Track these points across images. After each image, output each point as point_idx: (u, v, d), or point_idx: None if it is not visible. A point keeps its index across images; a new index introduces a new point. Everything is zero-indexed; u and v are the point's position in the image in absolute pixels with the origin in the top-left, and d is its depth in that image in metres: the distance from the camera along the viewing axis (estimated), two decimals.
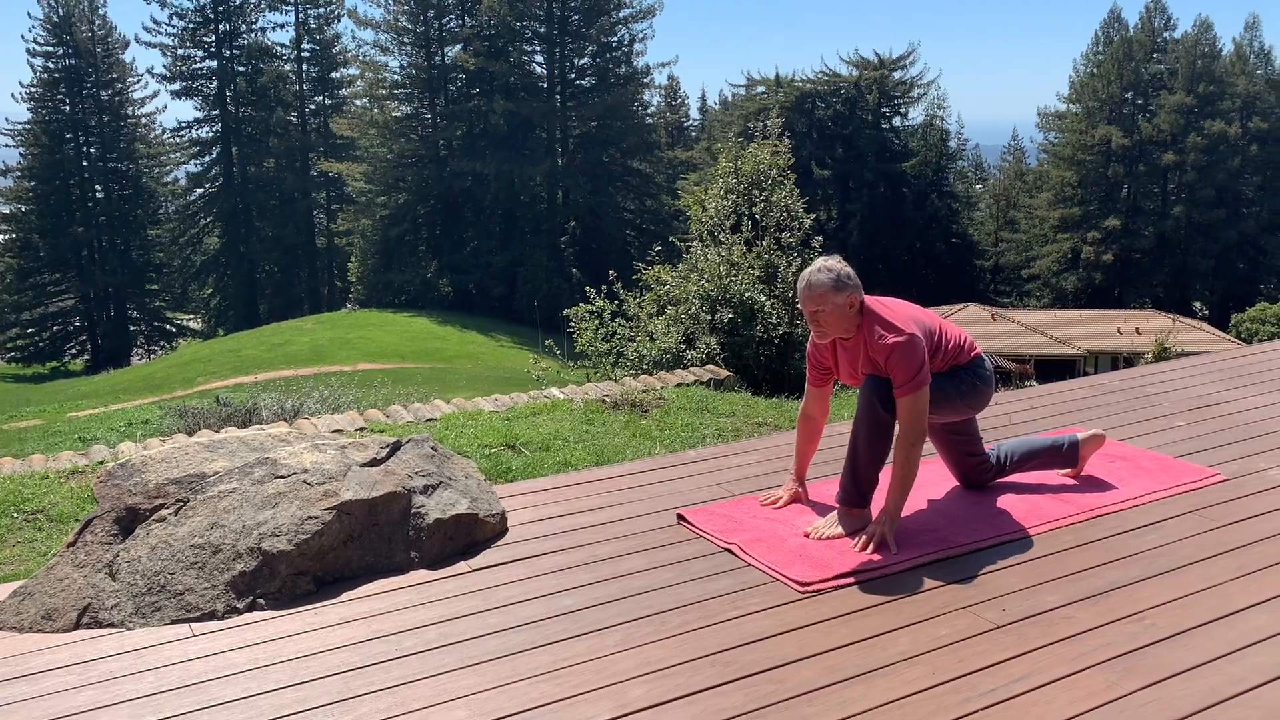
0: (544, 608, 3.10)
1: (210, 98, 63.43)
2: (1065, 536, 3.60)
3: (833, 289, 3.44)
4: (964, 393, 3.65)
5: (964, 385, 3.65)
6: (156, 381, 41.44)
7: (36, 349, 59.79)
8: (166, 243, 64.59)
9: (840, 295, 3.45)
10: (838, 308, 3.46)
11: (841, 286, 3.45)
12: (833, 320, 3.48)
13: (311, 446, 3.47)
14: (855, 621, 3.01)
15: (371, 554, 3.30)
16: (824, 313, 3.46)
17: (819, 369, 3.75)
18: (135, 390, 39.64)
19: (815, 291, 3.46)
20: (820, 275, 3.47)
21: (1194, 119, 53.29)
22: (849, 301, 3.46)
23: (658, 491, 4.08)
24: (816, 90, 62.22)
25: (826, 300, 3.45)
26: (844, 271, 3.49)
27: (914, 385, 3.40)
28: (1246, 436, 4.62)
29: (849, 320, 3.49)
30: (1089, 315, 45.09)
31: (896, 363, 3.40)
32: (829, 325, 3.49)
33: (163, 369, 46.68)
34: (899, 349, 3.39)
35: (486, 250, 55.57)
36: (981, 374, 3.72)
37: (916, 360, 3.40)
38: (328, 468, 3.36)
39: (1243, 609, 3.05)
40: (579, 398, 7.57)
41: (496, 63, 55.04)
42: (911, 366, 3.39)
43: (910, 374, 3.39)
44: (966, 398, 3.67)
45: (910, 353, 3.39)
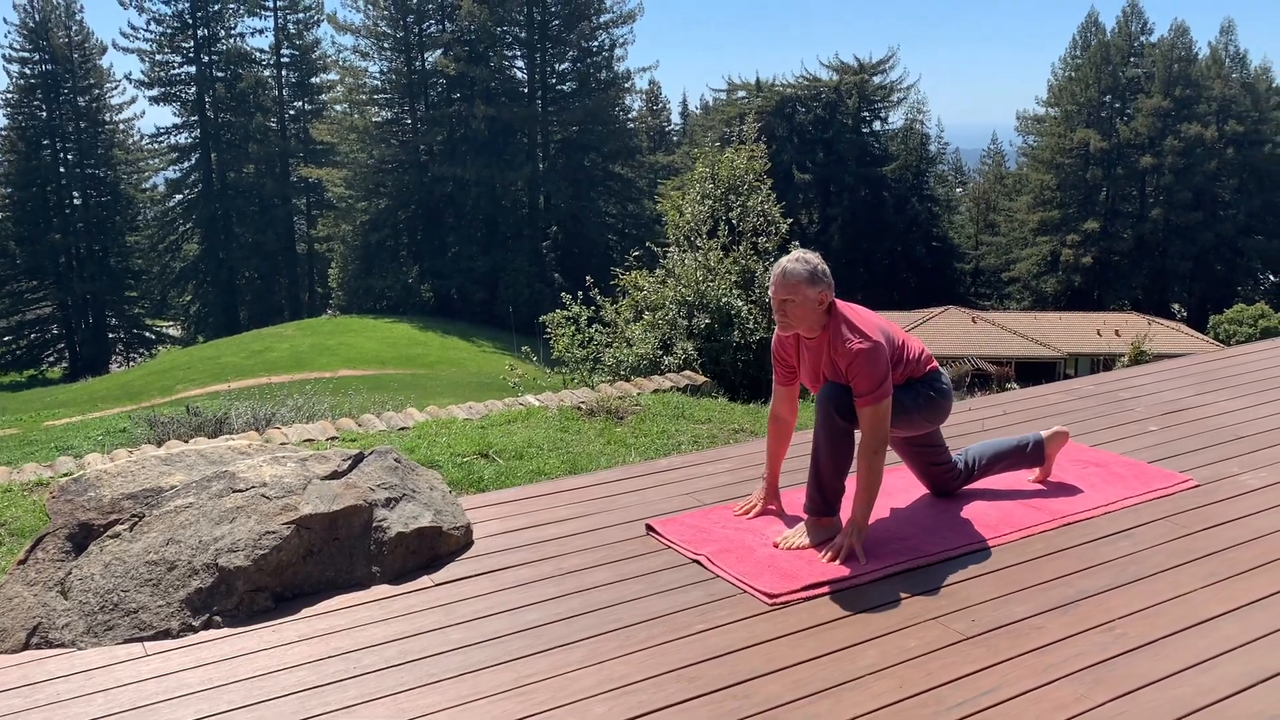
0: (507, 623, 3.05)
1: (189, 103, 63.11)
2: (1036, 544, 3.57)
3: (806, 281, 3.40)
4: (922, 406, 3.61)
5: (921, 399, 3.61)
6: (135, 389, 41.13)
7: (14, 357, 59.27)
8: (145, 249, 64.19)
9: (813, 289, 3.40)
10: (807, 301, 3.41)
11: (815, 280, 3.41)
12: (800, 313, 3.43)
13: (271, 459, 3.41)
14: (823, 634, 2.97)
15: (332, 569, 3.23)
16: (793, 303, 3.41)
17: (784, 366, 3.70)
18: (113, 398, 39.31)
19: (789, 280, 3.41)
20: (796, 265, 3.43)
21: (1171, 122, 53.70)
22: (820, 297, 3.42)
23: (627, 502, 4.03)
24: (797, 95, 62.38)
25: (798, 291, 3.40)
26: (820, 267, 3.46)
27: (876, 396, 3.36)
28: (1218, 441, 4.61)
29: (816, 317, 3.44)
30: (1069, 317, 45.34)
31: (859, 370, 3.36)
32: (795, 318, 3.44)
33: (141, 377, 46.35)
34: (863, 356, 3.35)
35: (468, 255, 55.44)
36: (939, 387, 3.68)
37: (880, 369, 3.36)
38: (287, 481, 3.30)
39: (1213, 617, 3.02)
40: (554, 405, 7.52)
41: (477, 68, 54.94)
42: (875, 376, 3.35)
43: (873, 384, 3.35)
44: (924, 410, 3.63)
45: (874, 361, 3.35)
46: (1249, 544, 3.52)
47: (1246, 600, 3.12)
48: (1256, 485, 4.06)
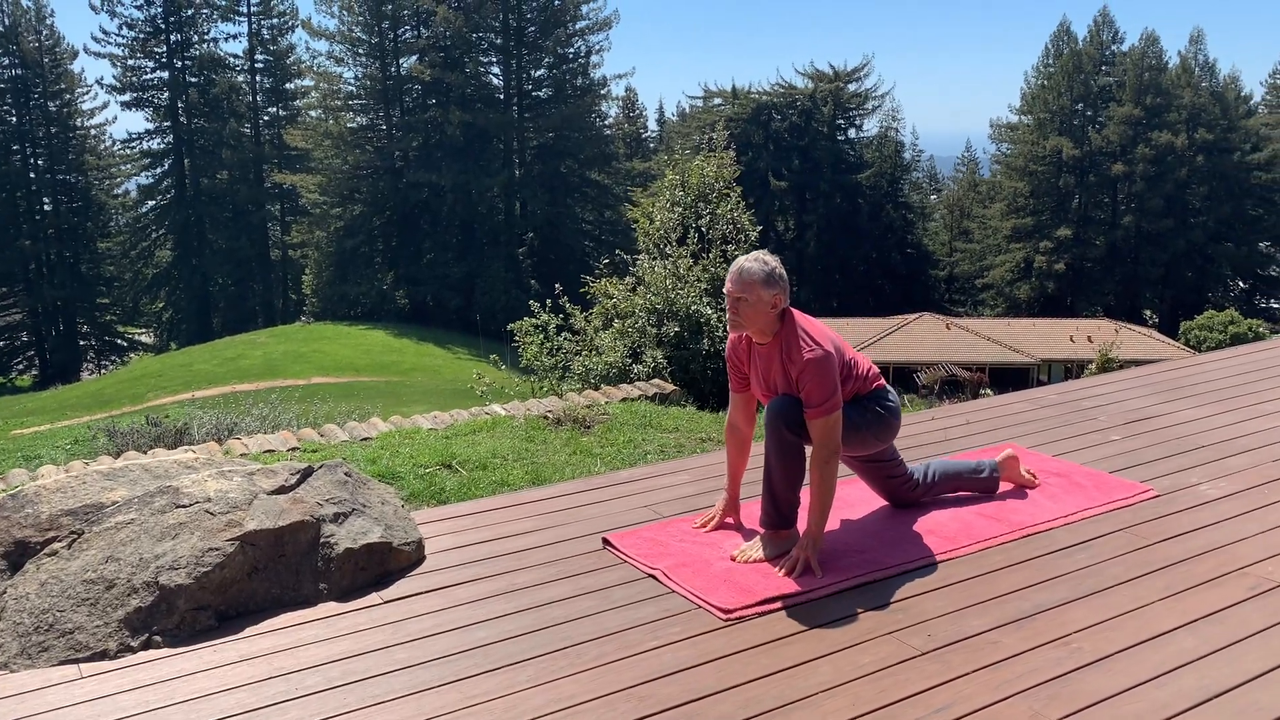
0: (456, 641, 2.99)
1: (161, 109, 62.62)
2: (995, 557, 3.54)
3: (762, 281, 3.36)
4: (871, 423, 3.57)
5: (870, 415, 3.57)
6: (106, 397, 40.70)
7: None
8: (117, 256, 63.62)
9: (767, 290, 3.36)
10: (761, 302, 3.36)
11: (771, 282, 3.37)
12: (752, 314, 3.38)
13: (217, 474, 3.33)
14: (777, 650, 2.93)
15: (278, 586, 3.16)
16: (746, 302, 3.37)
17: (738, 372, 3.66)
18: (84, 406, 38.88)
19: (745, 278, 3.37)
20: (753, 264, 3.39)
21: (1142, 130, 54.23)
22: (774, 300, 3.38)
23: (586, 515, 3.98)
24: (773, 102, 62.59)
25: (753, 290, 3.36)
26: (778, 269, 3.42)
27: (827, 408, 3.32)
28: (1179, 450, 4.61)
29: (768, 320, 3.40)
30: (1042, 324, 45.63)
31: (810, 379, 3.32)
32: (747, 318, 3.39)
33: (112, 384, 45.88)
34: (815, 365, 3.31)
35: (443, 262, 55.24)
36: (887, 404, 3.64)
37: (830, 379, 3.32)
38: (232, 496, 3.22)
39: (1169, 630, 3.00)
40: (521, 414, 7.46)
41: (452, 74, 54.82)
42: (825, 386, 3.31)
43: (824, 394, 3.31)
44: (874, 428, 3.58)
45: (825, 370, 3.32)
46: (1206, 555, 3.51)
47: (1202, 613, 3.10)
48: (1215, 495, 4.05)
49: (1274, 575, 3.34)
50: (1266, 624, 3.04)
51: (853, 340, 43.69)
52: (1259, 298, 58.24)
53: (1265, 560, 3.46)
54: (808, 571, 3.37)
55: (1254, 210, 56.00)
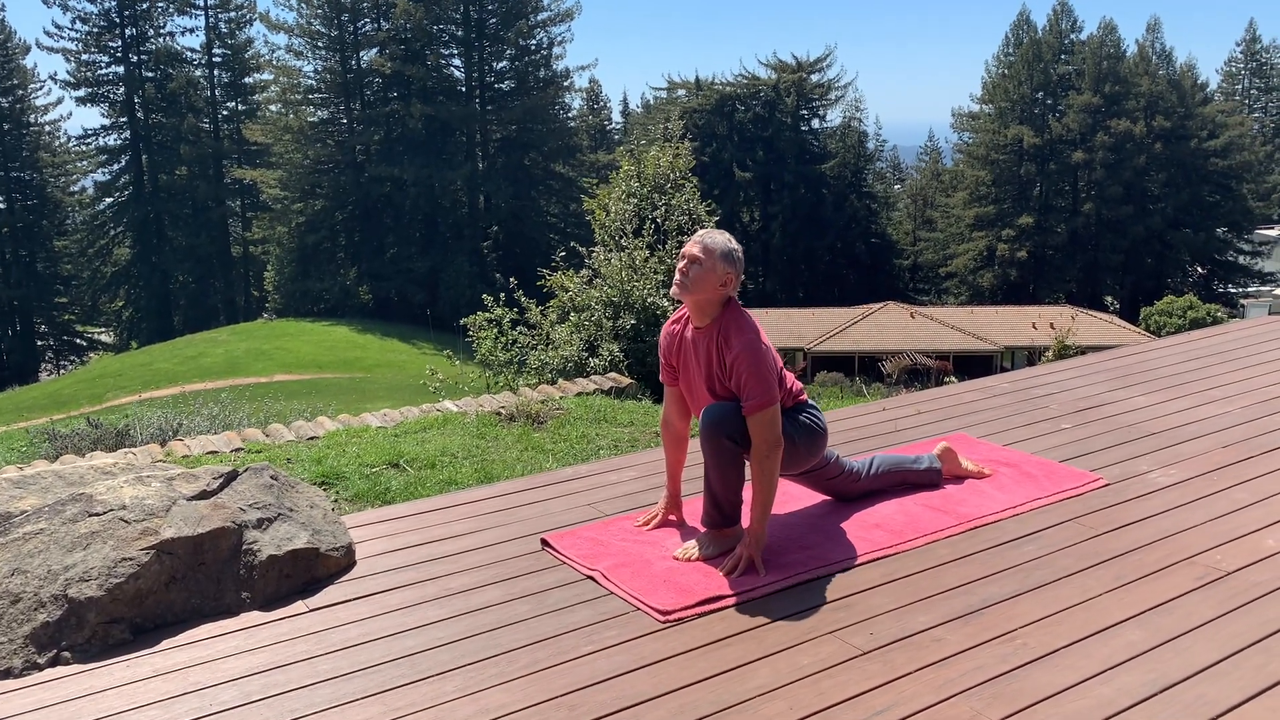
0: (383, 650, 2.87)
1: (118, 104, 61.62)
2: (941, 550, 3.47)
3: (722, 254, 3.31)
4: (802, 434, 3.47)
5: (798, 427, 3.47)
6: (64, 398, 40.06)
7: None
8: (75, 254, 62.60)
9: (723, 264, 3.30)
10: (714, 272, 3.29)
11: (730, 259, 3.32)
12: (701, 282, 3.30)
13: (135, 479, 3.19)
14: (715, 653, 2.83)
15: (198, 596, 3.03)
16: (700, 266, 3.30)
17: (668, 365, 3.56)
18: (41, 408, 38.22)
19: (707, 244, 3.33)
20: (719, 237, 3.37)
21: (1101, 118, 54.69)
22: (726, 278, 3.31)
23: (526, 514, 3.87)
24: (736, 93, 62.55)
25: (711, 257, 3.30)
26: (739, 254, 3.38)
27: (765, 401, 3.22)
28: (1130, 438, 4.56)
29: (713, 295, 3.31)
30: (1004, 311, 45.97)
31: (746, 368, 3.22)
32: (695, 282, 3.30)
33: (71, 385, 45.17)
34: (751, 351, 3.22)
35: (407, 256, 54.78)
36: (816, 417, 3.55)
37: (767, 370, 3.23)
38: (149, 503, 3.09)
39: (1116, 623, 2.94)
40: (473, 410, 7.33)
41: (413, 66, 54.32)
42: (762, 376, 3.22)
43: (761, 386, 3.22)
44: (804, 440, 3.48)
45: (762, 360, 3.23)
46: (1155, 545, 3.45)
47: (1150, 604, 3.04)
48: (1165, 483, 4.01)
49: (1222, 564, 3.29)
50: (1214, 614, 2.99)
51: (817, 331, 43.87)
52: (1217, 283, 58.98)
53: (1213, 549, 3.41)
54: (751, 570, 3.28)
55: (1211, 197, 56.67)
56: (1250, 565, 3.28)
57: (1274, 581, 3.17)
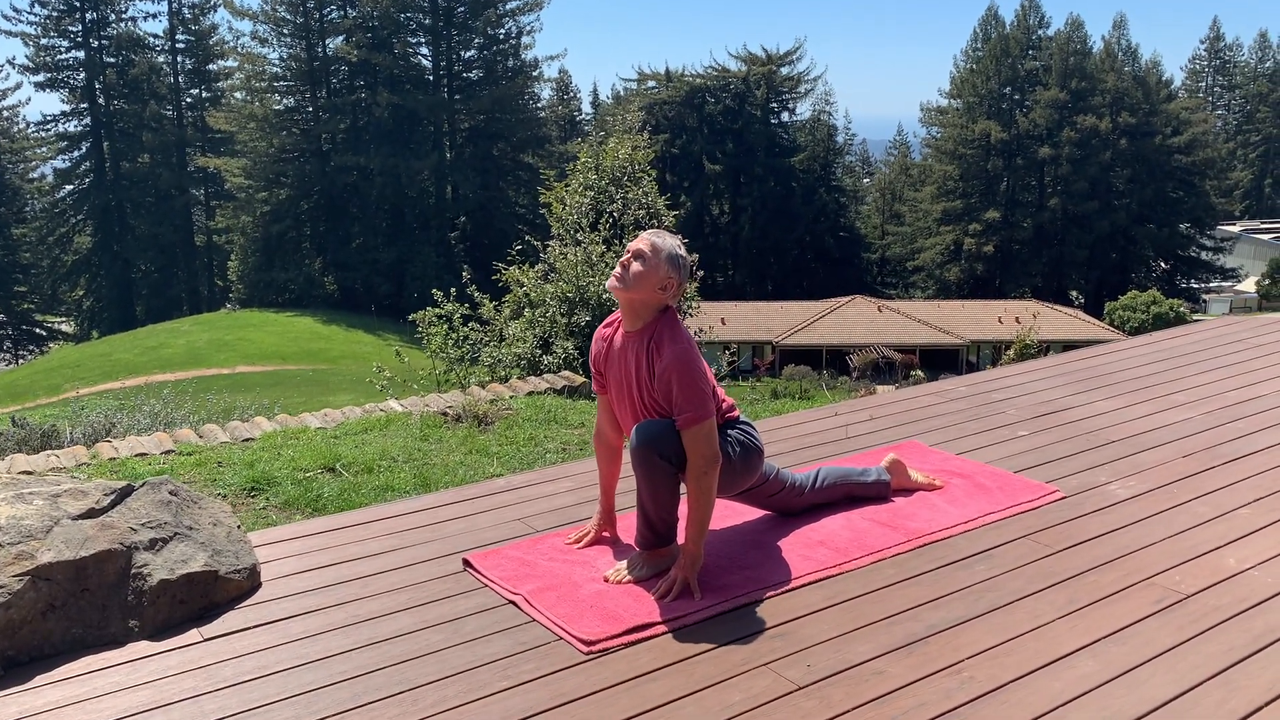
0: (278, 686, 2.63)
1: (78, 90, 60.54)
2: (888, 570, 3.27)
3: (668, 256, 3.10)
4: (739, 453, 3.26)
5: (734, 445, 3.25)
6: (20, 389, 39.34)
7: None
8: (34, 242, 61.53)
9: (668, 267, 3.09)
10: (656, 273, 3.08)
11: (674, 263, 3.11)
12: (641, 279, 3.08)
13: (14, 496, 2.94)
14: (640, 688, 2.62)
15: (80, 625, 2.78)
16: (644, 263, 3.08)
17: (598, 374, 3.35)
18: None
19: (655, 241, 3.12)
20: (669, 238, 3.16)
21: (1067, 114, 54.98)
22: (668, 280, 3.09)
23: (450, 530, 3.64)
24: (706, 85, 62.38)
25: (657, 256, 3.09)
26: (688, 261, 3.17)
27: (700, 414, 3.01)
28: (1089, 446, 4.39)
29: (651, 297, 3.10)
30: (971, 305, 46.15)
31: (677, 379, 3.01)
32: (635, 280, 3.08)
33: (28, 375, 44.37)
34: (683, 359, 3.01)
35: (373, 246, 54.22)
36: (750, 434, 3.33)
37: (700, 380, 3.02)
38: (27, 523, 2.83)
39: (1069, 653, 2.75)
40: (419, 410, 7.08)
41: (380, 55, 53.70)
42: (695, 386, 3.01)
43: (694, 401, 3.00)
44: (739, 459, 3.26)
45: (694, 372, 3.02)
46: (1112, 564, 3.28)
47: (1105, 632, 2.86)
48: (1124, 496, 3.84)
49: (1181, 586, 3.12)
50: (1172, 641, 2.81)
51: (786, 324, 43.82)
52: (1180, 278, 59.54)
53: (1172, 569, 3.24)
54: (685, 593, 3.07)
55: (1175, 193, 57.16)
56: (1210, 587, 3.12)
57: (1234, 605, 3.00)
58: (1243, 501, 3.76)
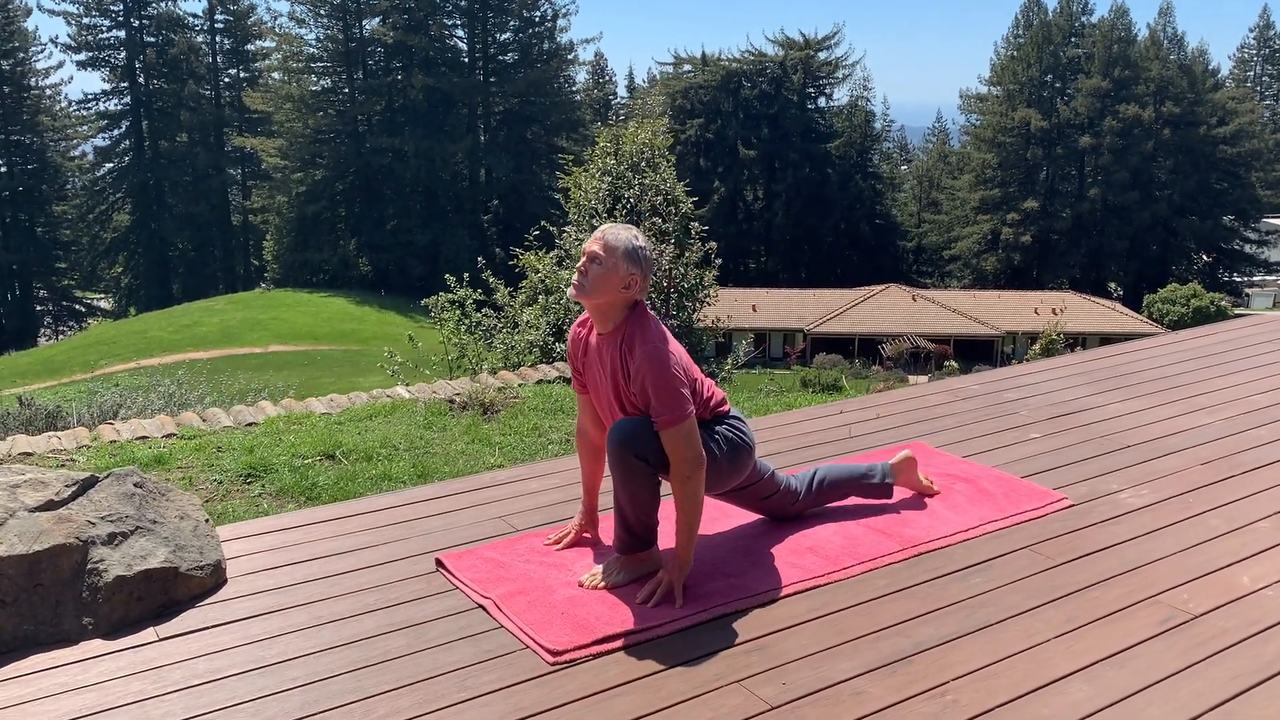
0: (228, 692, 2.53)
1: (119, 69, 61.15)
2: (879, 580, 3.12)
3: (624, 252, 2.90)
4: (725, 451, 3.10)
5: (719, 441, 3.10)
6: (57, 364, 39.85)
7: None
8: (74, 219, 62.30)
9: (627, 264, 2.90)
10: (615, 272, 2.89)
11: (633, 258, 2.91)
12: (601, 283, 2.91)
13: None
14: (604, 704, 2.49)
15: (31, 621, 2.70)
16: (600, 265, 2.91)
17: (577, 370, 3.21)
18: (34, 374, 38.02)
19: (608, 241, 2.92)
20: (623, 233, 2.96)
21: (1110, 103, 54.00)
22: (629, 279, 2.91)
23: (428, 527, 3.52)
24: (742, 70, 61.88)
25: (613, 255, 2.90)
26: (647, 252, 2.97)
27: (678, 415, 2.87)
28: (1103, 451, 4.21)
29: (614, 298, 2.93)
30: (1007, 296, 45.54)
31: (652, 377, 2.86)
32: (594, 284, 2.91)
33: (65, 351, 44.96)
34: (656, 358, 2.86)
35: (407, 229, 54.38)
36: (739, 429, 3.16)
37: (675, 379, 2.87)
38: None
39: (1062, 677, 2.59)
40: (425, 397, 6.99)
41: (416, 36, 53.73)
42: (670, 386, 2.86)
43: (671, 397, 2.86)
44: (726, 455, 3.10)
45: (666, 370, 2.86)
46: (1116, 580, 3.11)
47: (1103, 654, 2.70)
48: (1135, 505, 3.66)
49: (1189, 605, 2.95)
50: (1176, 666, 2.64)
51: (818, 312, 43.44)
52: (1222, 271, 58.44)
53: (1180, 586, 3.06)
54: (669, 600, 2.94)
55: (1219, 184, 56.04)
56: (1220, 607, 2.94)
57: (1244, 628, 2.83)
58: (1262, 515, 3.57)
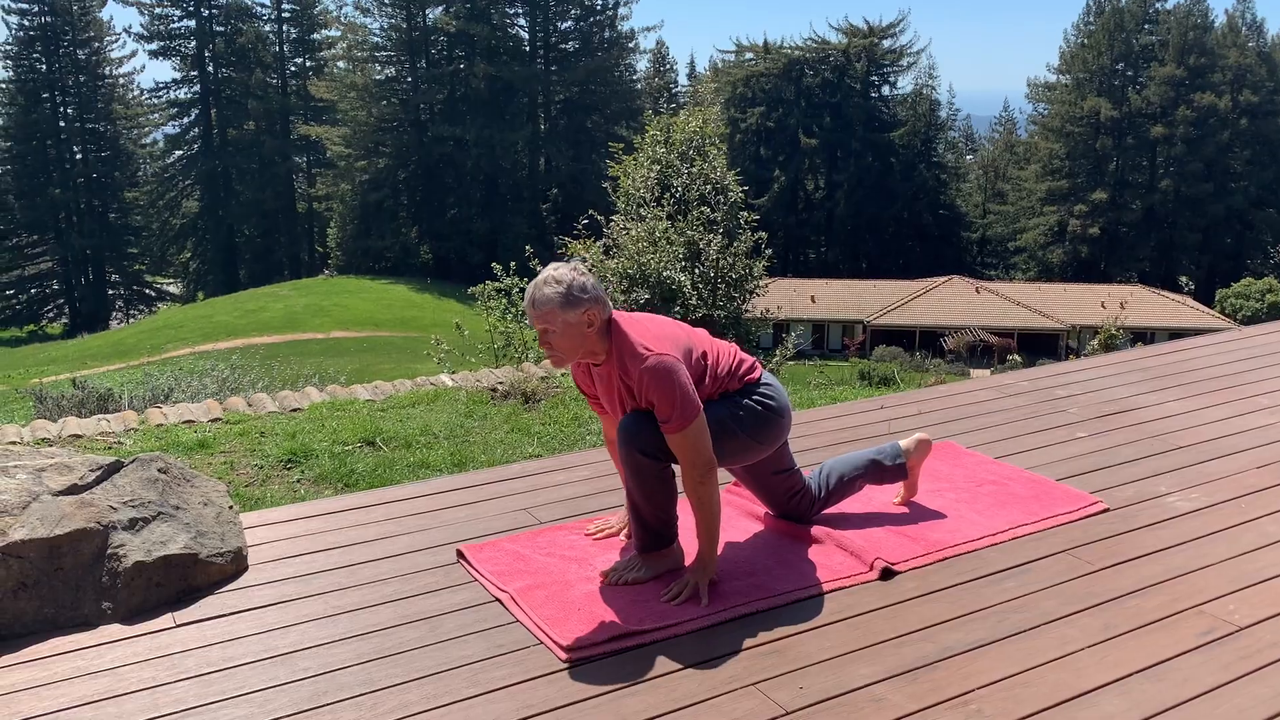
0: (239, 681, 2.53)
1: (188, 58, 62.31)
2: (909, 583, 3.03)
3: (561, 305, 2.76)
4: (745, 423, 3.01)
5: (744, 414, 3.01)
6: (126, 348, 40.83)
7: (14, 312, 59.02)
8: (145, 205, 63.67)
9: (573, 311, 2.77)
10: (570, 327, 2.79)
11: (574, 301, 2.77)
12: (567, 343, 2.82)
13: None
14: (614, 704, 2.44)
15: (52, 605, 2.72)
16: (554, 333, 2.80)
17: (590, 397, 3.14)
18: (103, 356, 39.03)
19: (540, 309, 2.78)
20: (546, 289, 2.78)
21: (1184, 91, 52.53)
22: (586, 319, 2.79)
23: (452, 518, 3.50)
24: (805, 58, 61.27)
25: (555, 318, 2.78)
26: (578, 282, 2.79)
27: (683, 418, 2.79)
28: (1153, 451, 4.05)
29: (588, 341, 2.84)
30: (1073, 289, 44.61)
31: (652, 389, 2.80)
32: (563, 348, 2.83)
33: (134, 335, 46.04)
34: (651, 372, 2.79)
35: (467, 217, 54.79)
36: (767, 398, 3.06)
37: (676, 384, 2.79)
38: (4, 498, 2.77)
39: (1094, 689, 2.48)
40: (469, 385, 7.00)
41: (478, 25, 54.01)
42: (672, 392, 2.79)
43: (674, 403, 2.79)
44: (749, 428, 3.02)
45: (666, 375, 2.79)
46: (1158, 587, 2.97)
47: (1139, 665, 2.58)
48: (1184, 509, 3.51)
49: (1235, 616, 2.81)
50: (1215, 681, 2.52)
51: (878, 303, 42.86)
52: None
53: (1227, 596, 2.92)
54: (693, 599, 2.88)
55: None
56: (1269, 619, 2.80)
57: None
58: None
